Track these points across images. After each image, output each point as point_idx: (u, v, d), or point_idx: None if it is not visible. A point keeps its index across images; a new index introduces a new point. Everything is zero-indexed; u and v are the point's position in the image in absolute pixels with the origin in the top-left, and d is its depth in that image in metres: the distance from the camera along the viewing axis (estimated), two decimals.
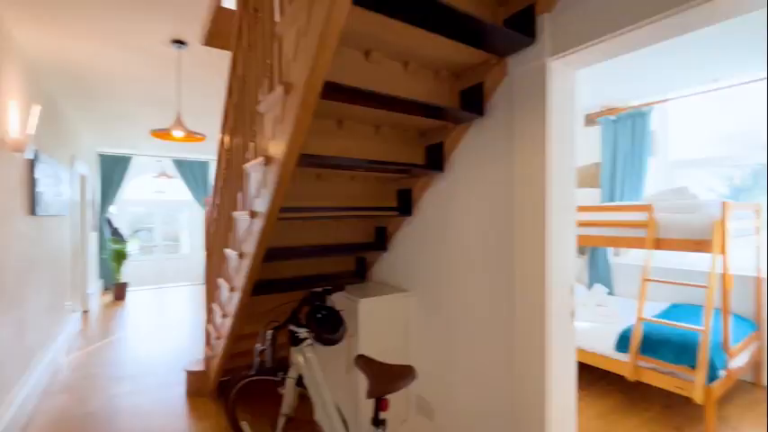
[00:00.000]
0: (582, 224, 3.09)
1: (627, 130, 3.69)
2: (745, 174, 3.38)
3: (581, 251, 4.12)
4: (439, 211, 1.92)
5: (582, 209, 3.13)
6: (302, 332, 1.72)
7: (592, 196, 4.05)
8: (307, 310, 1.82)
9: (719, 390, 2.28)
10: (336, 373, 2.26)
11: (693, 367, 2.26)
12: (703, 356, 2.20)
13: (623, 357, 2.58)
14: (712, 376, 2.22)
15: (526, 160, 1.44)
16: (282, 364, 1.87)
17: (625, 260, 3.78)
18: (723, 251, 2.36)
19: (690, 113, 3.57)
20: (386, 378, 1.29)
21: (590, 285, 3.93)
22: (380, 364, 1.40)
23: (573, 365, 1.48)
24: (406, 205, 2.10)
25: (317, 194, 1.98)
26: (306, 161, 1.42)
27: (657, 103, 3.51)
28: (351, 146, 1.75)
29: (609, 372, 2.72)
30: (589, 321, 2.93)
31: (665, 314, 2.98)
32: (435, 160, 1.86)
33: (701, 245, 2.45)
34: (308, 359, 1.68)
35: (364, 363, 1.41)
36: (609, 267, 3.81)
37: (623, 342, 2.59)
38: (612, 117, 3.80)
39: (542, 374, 1.40)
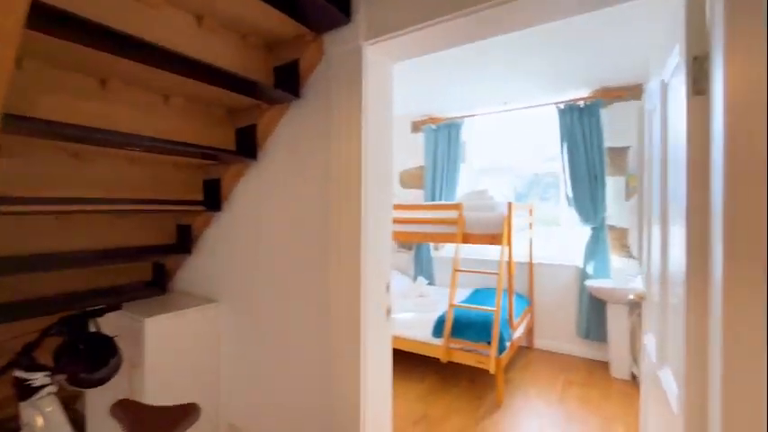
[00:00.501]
0: (405, 221, 3.30)
1: (445, 138, 4.16)
2: (524, 182, 4.25)
3: (408, 247, 4.46)
4: (253, 205, 1.66)
5: (402, 207, 3.35)
6: (37, 377, 1.19)
7: (417, 196, 4.44)
8: (60, 342, 1.29)
9: (506, 359, 2.73)
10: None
11: (489, 343, 2.63)
12: (495, 333, 2.59)
13: (439, 342, 2.83)
14: (501, 348, 2.63)
15: (342, 153, 1.33)
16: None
17: (443, 254, 4.26)
18: (509, 243, 2.84)
19: (489, 128, 4.28)
20: (151, 427, 0.96)
21: (415, 278, 4.29)
22: (148, 408, 1.05)
23: (388, 364, 1.45)
24: (214, 199, 1.76)
25: (77, 181, 1.44)
26: (20, 126, 0.95)
27: (467, 117, 4.08)
28: (122, 116, 1.31)
29: (428, 356, 2.96)
30: (411, 311, 3.14)
31: (470, 299, 3.46)
32: (248, 146, 1.59)
33: (495, 238, 2.90)
34: (48, 416, 1.17)
35: (123, 410, 1.03)
36: (431, 260, 4.23)
37: (438, 328, 2.85)
38: (434, 126, 4.24)
39: (357, 375, 1.31)
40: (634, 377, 3.02)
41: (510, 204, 2.83)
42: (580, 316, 3.42)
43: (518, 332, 3.08)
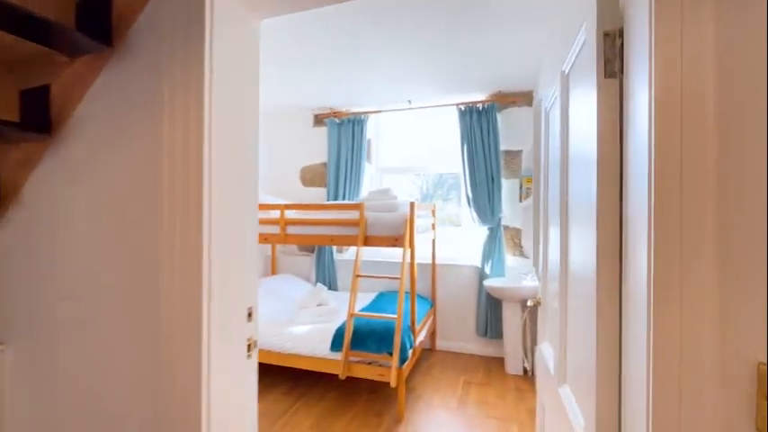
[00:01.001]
0: (303, 222, 2.96)
1: (348, 134, 3.91)
2: (430, 182, 4.23)
3: (309, 249, 4.11)
4: (51, 204, 1.15)
5: (299, 207, 3.01)
6: None
7: (319, 195, 4.11)
8: None
9: (408, 368, 2.58)
10: None
11: (391, 354, 2.44)
12: (396, 342, 2.41)
13: (338, 356, 2.56)
14: (403, 358, 2.46)
15: (176, 135, 0.95)
16: None
17: (347, 256, 4.01)
18: (411, 245, 2.70)
19: (394, 126, 4.16)
20: None
21: (316, 283, 3.96)
22: None
23: (252, 416, 1.10)
24: None
25: None
26: None
27: (372, 113, 3.89)
28: None
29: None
30: (310, 323, 2.81)
31: (374, 304, 3.26)
32: (38, 116, 1.09)
33: (398, 240, 2.73)
34: None
35: None
36: (333, 264, 3.94)
37: (337, 340, 2.57)
38: (337, 120, 3.96)
39: None
40: (525, 371, 3.14)
41: (412, 204, 2.70)
42: (479, 315, 3.47)
43: (420, 336, 2.97)
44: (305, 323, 2.82)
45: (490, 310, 3.41)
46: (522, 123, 3.45)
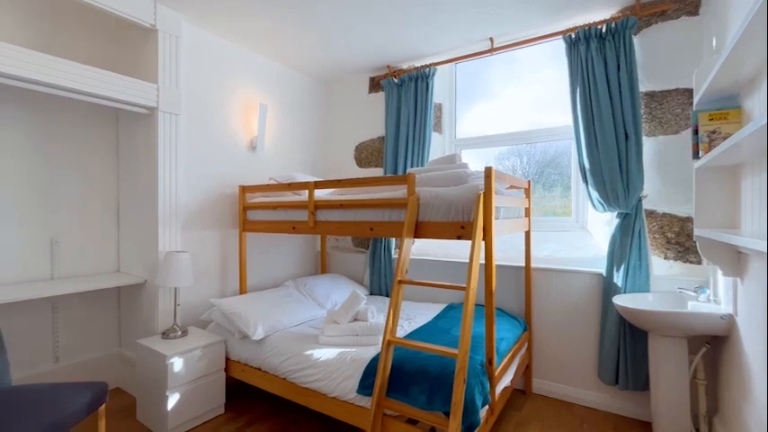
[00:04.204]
0: (334, 206, 2.15)
1: (410, 96, 3.00)
2: (533, 159, 3.03)
3: (364, 244, 3.31)
4: None
5: (326, 184, 2.20)
6: None
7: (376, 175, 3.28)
8: None
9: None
10: None
11: (447, 413, 1.47)
12: (458, 396, 1.42)
13: (367, 402, 1.68)
14: (468, 424, 1.46)
15: None
16: None
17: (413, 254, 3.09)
18: (488, 236, 1.68)
19: (473, 82, 3.12)
20: None
21: (371, 287, 3.14)
22: None
23: None
24: None
25: None
26: None
27: (439, 64, 2.92)
28: None
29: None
30: (340, 346, 1.98)
31: (436, 322, 2.29)
32: None
33: (465, 228, 1.74)
34: None
35: None
36: (390, 263, 3.07)
37: (369, 378, 1.69)
38: (396, 80, 3.09)
39: None
40: None
41: (489, 171, 1.68)
42: (604, 350, 2.23)
43: (506, 380, 1.91)
44: (331, 344, 2.00)
45: (626, 345, 2.14)
46: (680, 46, 2.13)
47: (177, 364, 1.98)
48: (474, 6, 2.26)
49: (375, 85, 3.31)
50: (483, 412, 1.59)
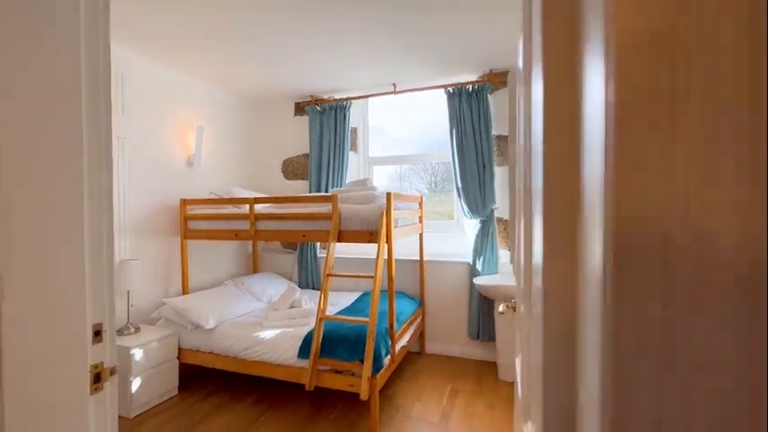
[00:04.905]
0: (274, 217, 2.71)
1: (330, 122, 3.64)
2: (438, 174, 3.83)
3: (292, 246, 3.88)
4: None
5: (268, 200, 2.77)
6: None
7: (302, 189, 3.87)
8: None
9: (384, 377, 2.32)
10: None
11: (363, 361, 2.19)
12: (368, 348, 2.16)
13: (305, 364, 2.32)
14: (377, 367, 2.21)
15: None
16: None
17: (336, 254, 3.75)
18: (389, 240, 2.43)
19: (381, 114, 3.88)
20: None
21: (300, 282, 3.73)
22: None
23: None
24: None
25: None
26: None
27: (355, 98, 3.61)
28: None
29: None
30: (280, 327, 2.57)
31: (355, 305, 3.01)
32: None
33: (373, 235, 2.47)
34: None
35: None
36: (316, 262, 3.70)
37: (306, 347, 2.33)
38: (319, 108, 3.70)
39: None
40: None
41: (389, 195, 2.43)
42: (471, 316, 3.19)
43: (404, 340, 2.71)
44: (274, 327, 2.58)
45: (482, 311, 3.12)
46: (506, 105, 3.13)
47: (138, 353, 2.37)
48: (380, 60, 2.97)
49: (300, 109, 3.87)
50: (386, 360, 2.34)
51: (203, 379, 2.86)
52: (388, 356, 2.38)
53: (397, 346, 2.55)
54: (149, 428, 2.25)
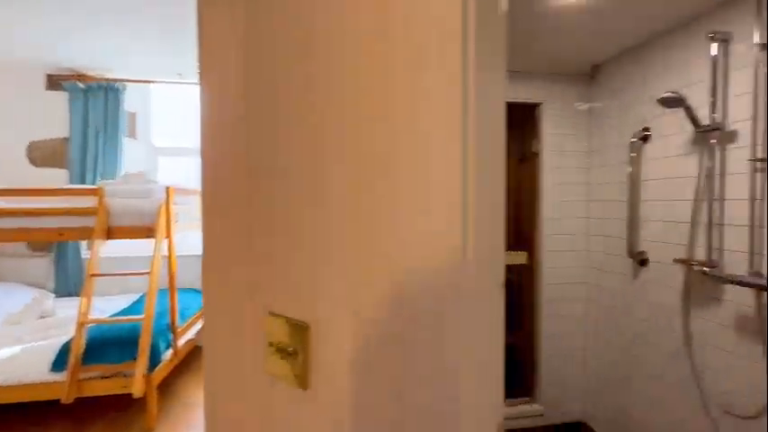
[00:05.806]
0: (17, 213, 2.27)
1: (100, 103, 3.20)
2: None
3: (44, 248, 3.22)
4: None
5: (7, 193, 2.30)
6: None
7: (58, 178, 3.25)
8: None
9: (164, 372, 2.32)
10: None
11: (136, 360, 2.15)
12: (143, 345, 2.13)
13: (61, 376, 2.08)
14: (155, 363, 2.20)
15: None
16: None
17: (103, 252, 3.31)
18: (169, 235, 2.42)
19: (169, 101, 3.64)
20: None
21: (57, 290, 3.15)
22: None
23: None
24: None
25: None
26: None
27: (132, 81, 3.27)
28: None
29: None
30: (23, 343, 2.19)
31: (135, 306, 2.81)
32: None
33: (152, 231, 2.40)
34: None
35: None
36: (80, 264, 3.20)
37: (63, 357, 2.09)
38: (82, 85, 3.18)
39: None
40: None
41: (169, 189, 2.41)
42: None
43: (189, 335, 2.73)
44: (16, 344, 2.18)
45: None
46: None
47: None
48: (163, 51, 2.83)
49: (55, 83, 3.22)
50: (167, 354, 2.35)
51: None
52: (169, 351, 2.39)
53: (182, 341, 2.57)
54: None
